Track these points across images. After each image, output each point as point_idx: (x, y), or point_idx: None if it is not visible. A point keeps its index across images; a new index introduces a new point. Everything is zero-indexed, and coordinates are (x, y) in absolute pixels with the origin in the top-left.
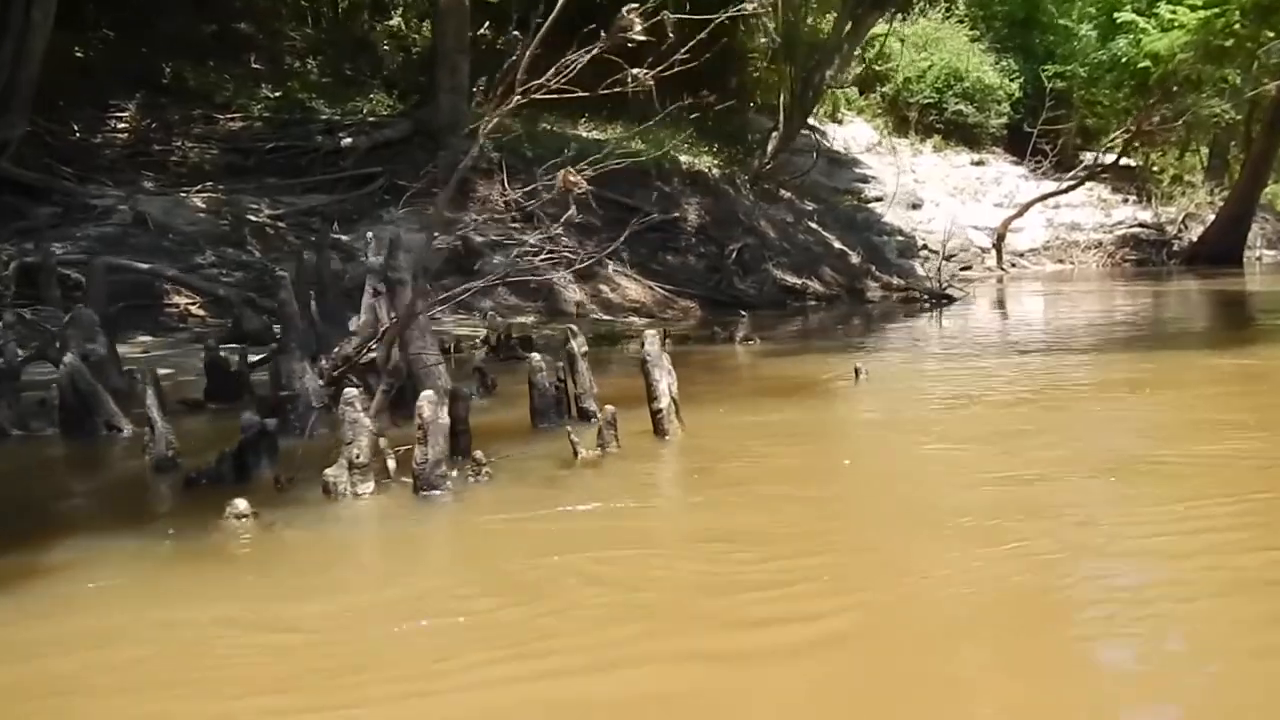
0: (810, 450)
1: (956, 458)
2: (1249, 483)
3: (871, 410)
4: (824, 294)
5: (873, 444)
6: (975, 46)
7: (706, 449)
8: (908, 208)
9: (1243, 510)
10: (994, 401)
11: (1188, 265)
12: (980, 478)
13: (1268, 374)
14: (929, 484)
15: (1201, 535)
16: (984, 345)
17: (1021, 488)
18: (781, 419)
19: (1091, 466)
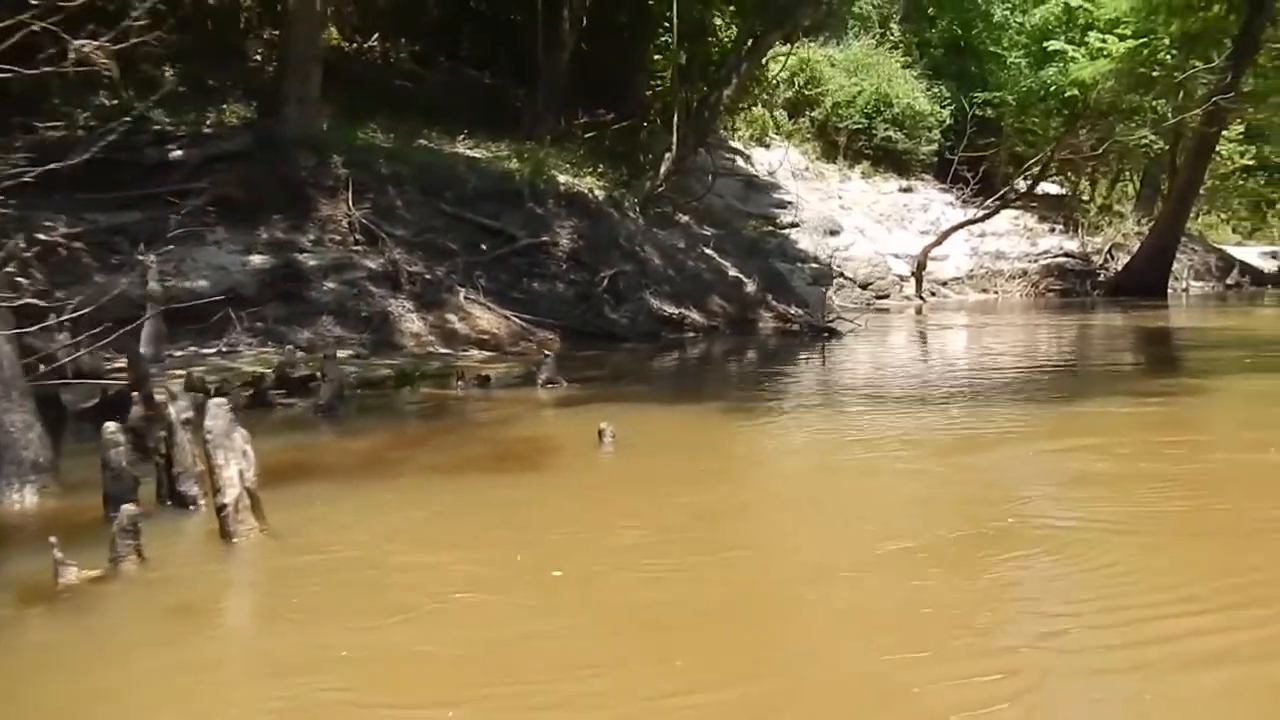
0: (430, 573)
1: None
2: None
3: (577, 498)
4: (703, 325)
5: (545, 558)
6: (907, 73)
7: (273, 565)
8: (825, 234)
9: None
10: (762, 486)
11: (1112, 296)
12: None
13: (1147, 427)
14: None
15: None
16: (832, 391)
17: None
18: (431, 514)
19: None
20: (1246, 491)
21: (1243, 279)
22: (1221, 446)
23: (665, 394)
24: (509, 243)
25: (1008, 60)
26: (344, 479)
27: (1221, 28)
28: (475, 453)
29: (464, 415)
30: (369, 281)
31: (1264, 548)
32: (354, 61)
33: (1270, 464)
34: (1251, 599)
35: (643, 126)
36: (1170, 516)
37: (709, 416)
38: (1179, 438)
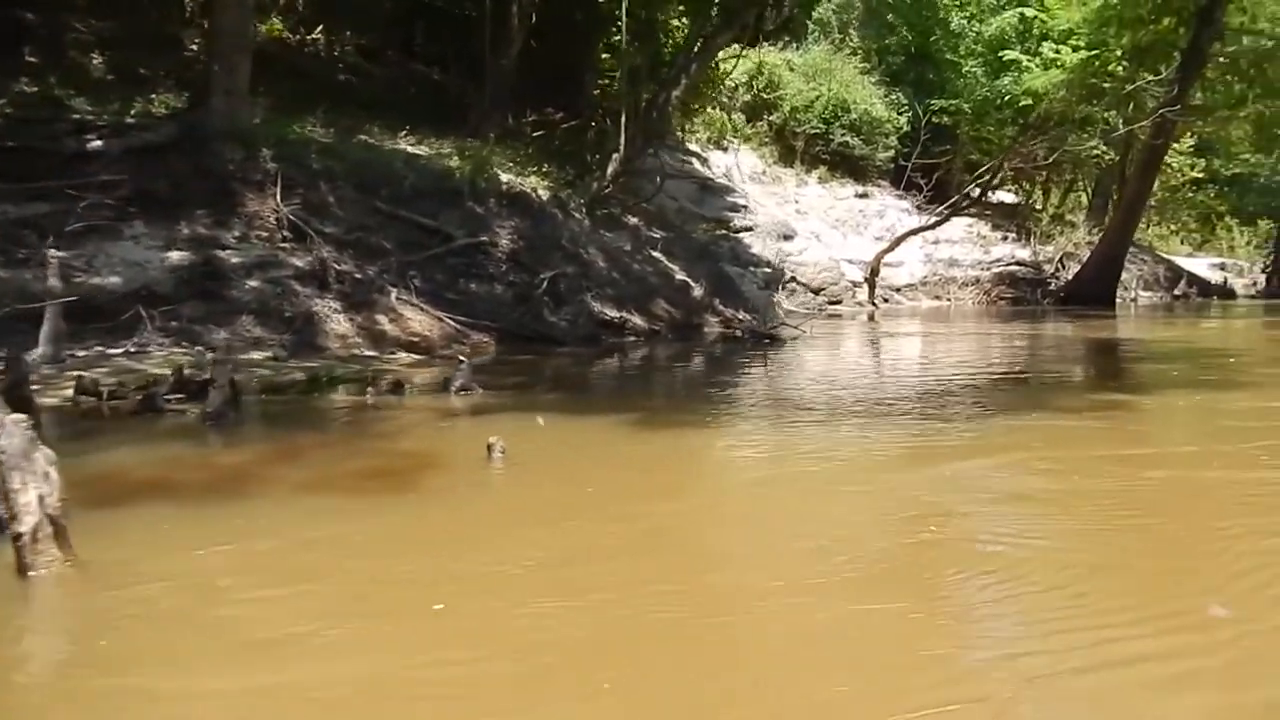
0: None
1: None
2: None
3: (451, 522)
4: (644, 329)
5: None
6: (865, 79)
7: (75, 603)
8: (779, 238)
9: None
10: (675, 506)
11: (1062, 305)
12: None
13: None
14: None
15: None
16: (766, 401)
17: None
18: (280, 541)
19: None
20: (1193, 508)
21: (1190, 290)
22: (1166, 462)
23: (584, 403)
24: (446, 242)
25: (964, 69)
26: (196, 499)
27: (1171, 41)
28: (352, 468)
29: (360, 425)
30: (295, 280)
31: (1213, 568)
32: (296, 54)
33: (1212, 480)
34: (1208, 621)
35: (590, 126)
36: (1118, 534)
37: (622, 428)
38: (1125, 451)
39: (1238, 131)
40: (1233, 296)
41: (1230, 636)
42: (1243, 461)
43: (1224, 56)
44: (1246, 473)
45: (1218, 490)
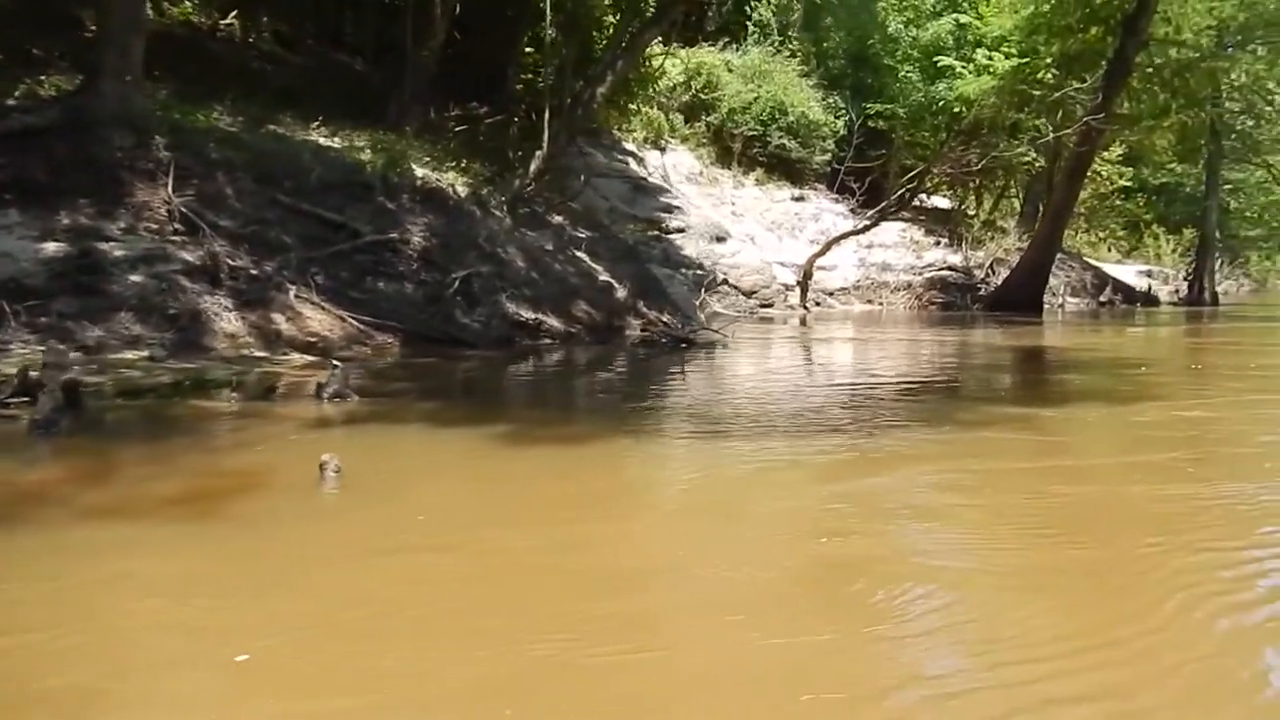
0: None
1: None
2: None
3: (263, 555)
4: (560, 331)
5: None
6: (804, 82)
7: None
8: (712, 240)
9: None
10: (536, 533)
11: (990, 310)
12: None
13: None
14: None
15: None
16: (669, 410)
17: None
18: (33, 582)
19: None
20: (1118, 524)
21: (1115, 297)
22: (1089, 475)
23: (465, 412)
24: (353, 238)
25: (900, 73)
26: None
27: (1098, 50)
28: (165, 490)
29: (202, 436)
30: (183, 276)
31: (1143, 588)
32: (207, 39)
33: (1134, 495)
34: (1146, 649)
35: (513, 122)
36: (1045, 553)
37: (493, 443)
38: (1049, 463)
39: (1161, 141)
40: (1156, 303)
41: (1172, 664)
42: (1163, 473)
43: (1149, 67)
44: (1168, 486)
45: (1141, 505)
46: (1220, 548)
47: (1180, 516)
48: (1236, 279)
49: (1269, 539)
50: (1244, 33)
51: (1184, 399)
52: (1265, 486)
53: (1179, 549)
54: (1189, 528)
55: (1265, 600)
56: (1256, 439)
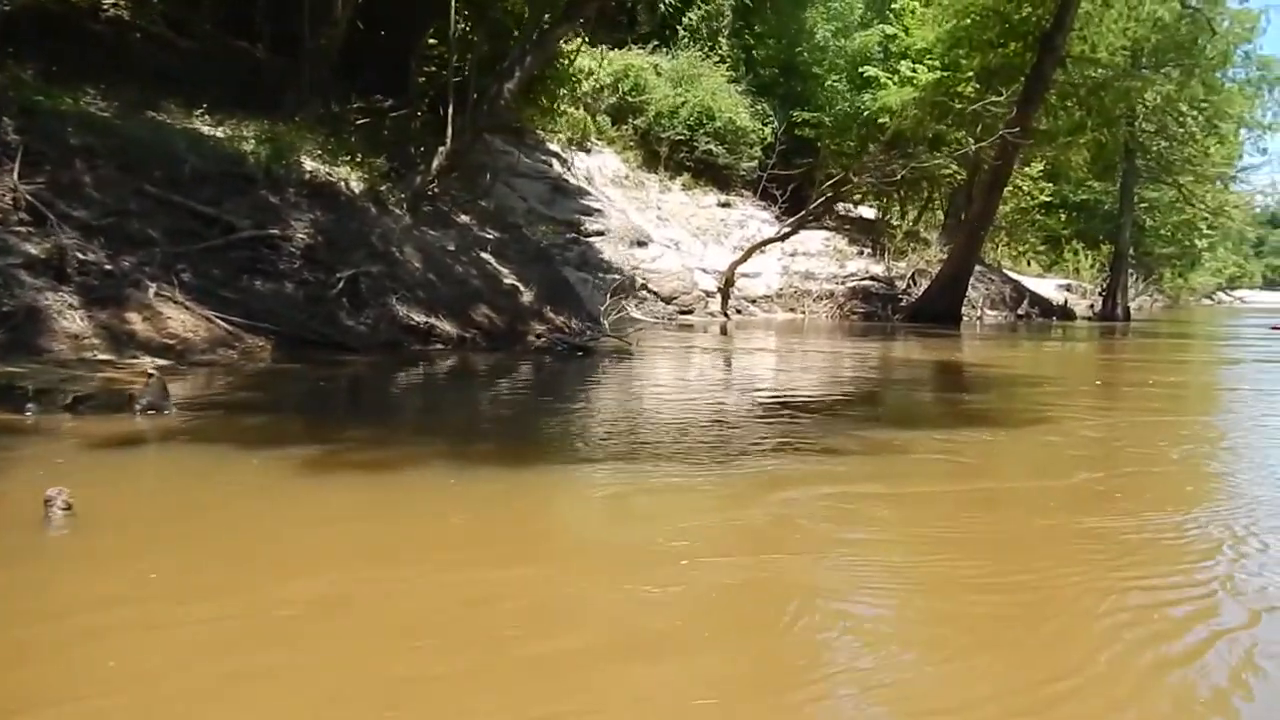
0: None
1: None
2: None
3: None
4: (453, 336)
5: None
6: (732, 88)
7: None
8: (632, 244)
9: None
10: (335, 585)
11: (910, 322)
12: None
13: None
14: None
15: None
16: (544, 426)
17: None
18: None
19: None
20: (1039, 554)
21: (1032, 310)
22: (1004, 501)
23: (293, 428)
24: (227, 233)
25: (826, 82)
26: None
27: (1018, 65)
28: None
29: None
30: (23, 269)
31: (1076, 630)
32: (87, 17)
33: (1053, 524)
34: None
35: (416, 116)
36: (964, 589)
37: (299, 469)
38: (967, 487)
39: (1077, 158)
40: (1072, 317)
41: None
42: (1080, 498)
43: (1067, 83)
44: (1089, 514)
45: (1061, 534)
46: (1153, 585)
47: (1104, 548)
48: (1151, 295)
49: (1200, 574)
50: (1157, 54)
51: (1091, 417)
52: (1188, 515)
53: (1107, 587)
54: (1116, 562)
55: (1205, 645)
56: (1169, 457)
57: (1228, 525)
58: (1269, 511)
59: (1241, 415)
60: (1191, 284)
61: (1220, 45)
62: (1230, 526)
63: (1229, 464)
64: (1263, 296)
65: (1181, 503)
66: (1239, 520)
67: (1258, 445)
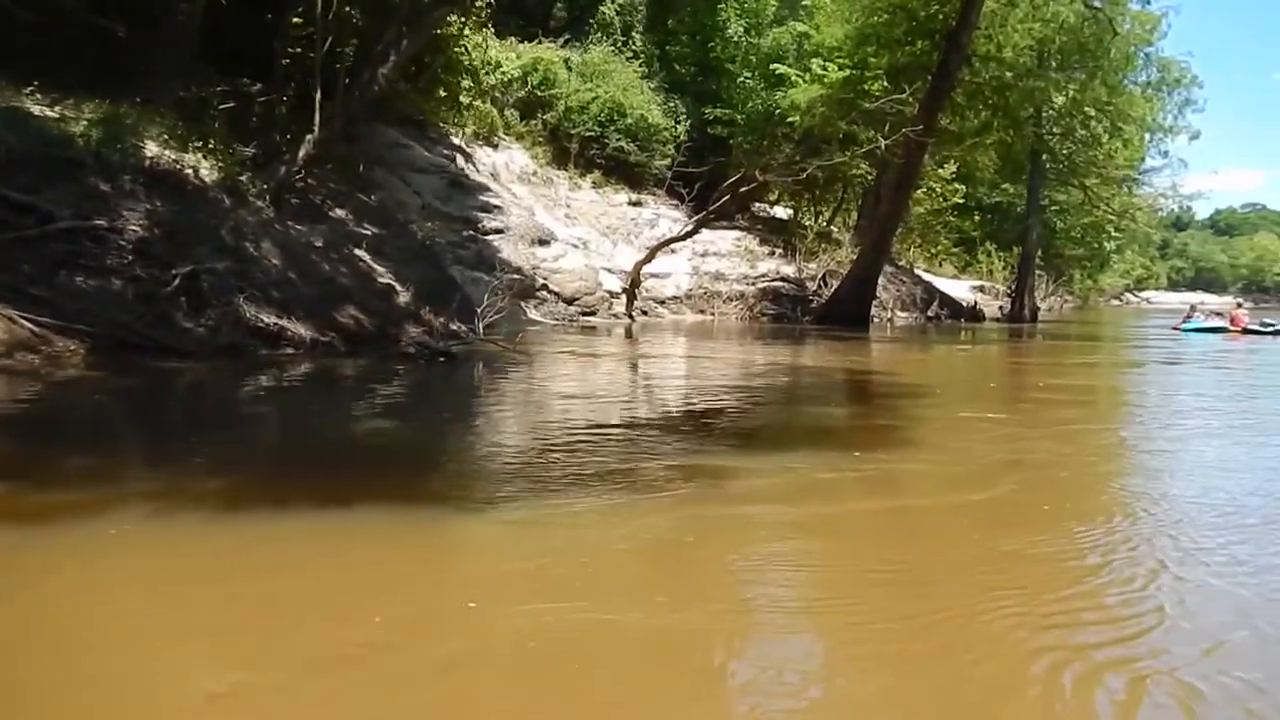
0: None
1: None
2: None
3: None
4: (305, 339)
5: None
6: (645, 84)
7: None
8: (534, 243)
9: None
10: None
11: (819, 324)
12: None
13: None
14: None
15: None
16: (306, 461)
17: None
18: None
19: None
20: (976, 592)
21: (942, 311)
22: (926, 521)
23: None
24: (44, 223)
25: (739, 79)
26: None
27: (925, 64)
28: None
29: None
30: None
31: (1008, 677)
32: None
33: (974, 552)
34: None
35: (282, 101)
36: (886, 633)
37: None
38: (880, 505)
39: (984, 159)
40: (981, 319)
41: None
42: (993, 514)
43: (975, 83)
44: (1006, 539)
45: (981, 562)
46: (1086, 619)
47: (1027, 573)
48: (1061, 296)
49: (1130, 601)
50: (1062, 55)
51: (991, 425)
52: (1110, 529)
53: (1037, 622)
54: (1041, 587)
55: (1139, 682)
56: (1076, 464)
57: (1150, 540)
58: (1186, 523)
59: (1148, 421)
60: (1100, 285)
61: (1122, 47)
62: (1153, 542)
63: (1139, 472)
64: (1168, 297)
65: (1098, 515)
66: (1161, 535)
67: (1168, 450)
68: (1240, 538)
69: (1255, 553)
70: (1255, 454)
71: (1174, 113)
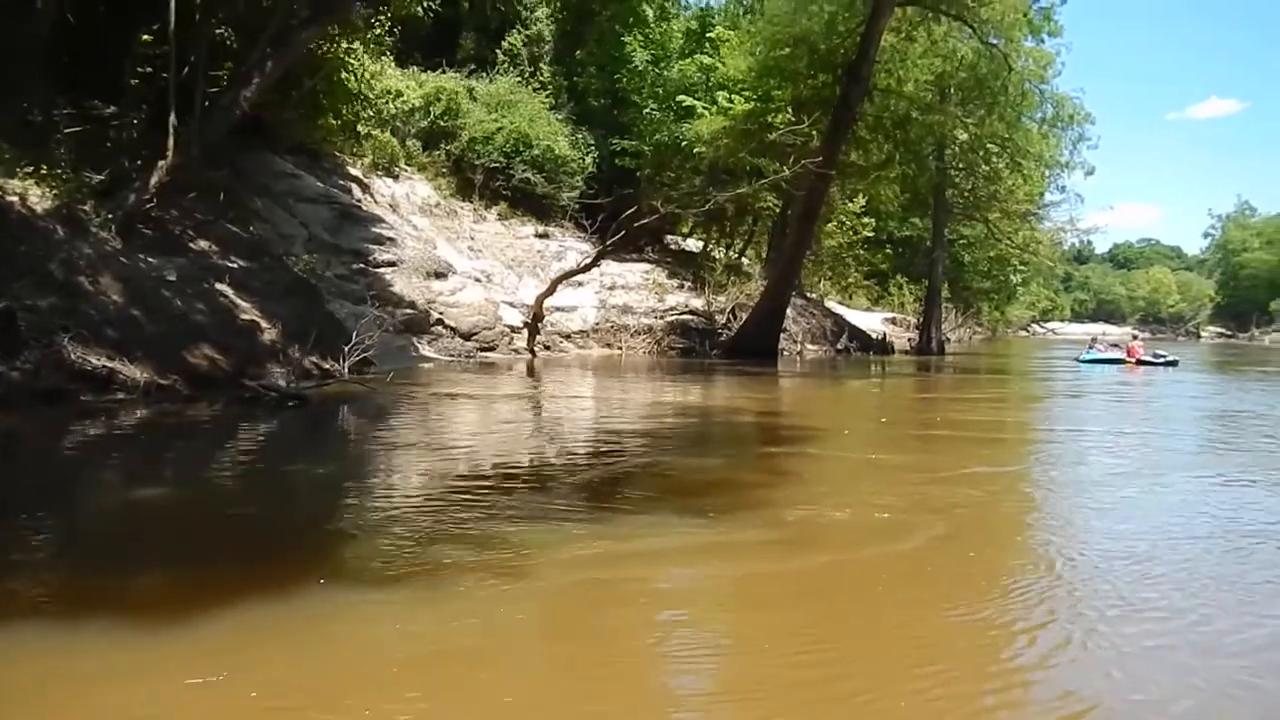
0: None
1: None
2: None
3: None
4: (139, 382)
5: None
6: (551, 115)
7: None
8: (429, 276)
9: None
10: None
11: (727, 357)
12: None
13: None
14: None
15: None
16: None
17: None
18: None
19: None
20: (900, 671)
21: (850, 344)
22: (843, 583)
23: None
24: None
25: (645, 110)
26: None
27: (828, 97)
28: None
29: None
30: None
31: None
32: None
33: (886, 622)
34: None
35: (131, 125)
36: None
37: None
38: (791, 566)
39: (888, 192)
40: (890, 351)
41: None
42: (913, 579)
43: (875, 116)
44: (923, 603)
45: (898, 633)
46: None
47: (950, 646)
48: (970, 328)
49: (1078, 665)
50: (963, 91)
51: (900, 470)
52: (1034, 587)
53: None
54: (969, 663)
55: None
56: (991, 512)
57: (1077, 597)
58: (1111, 575)
59: (1058, 461)
60: (1008, 317)
61: (1018, 83)
62: (1081, 599)
63: (1056, 517)
64: (1072, 328)
65: (1019, 571)
66: (1087, 590)
67: (1082, 494)
68: (1168, 588)
69: (1185, 604)
70: (1161, 494)
71: (1069, 148)
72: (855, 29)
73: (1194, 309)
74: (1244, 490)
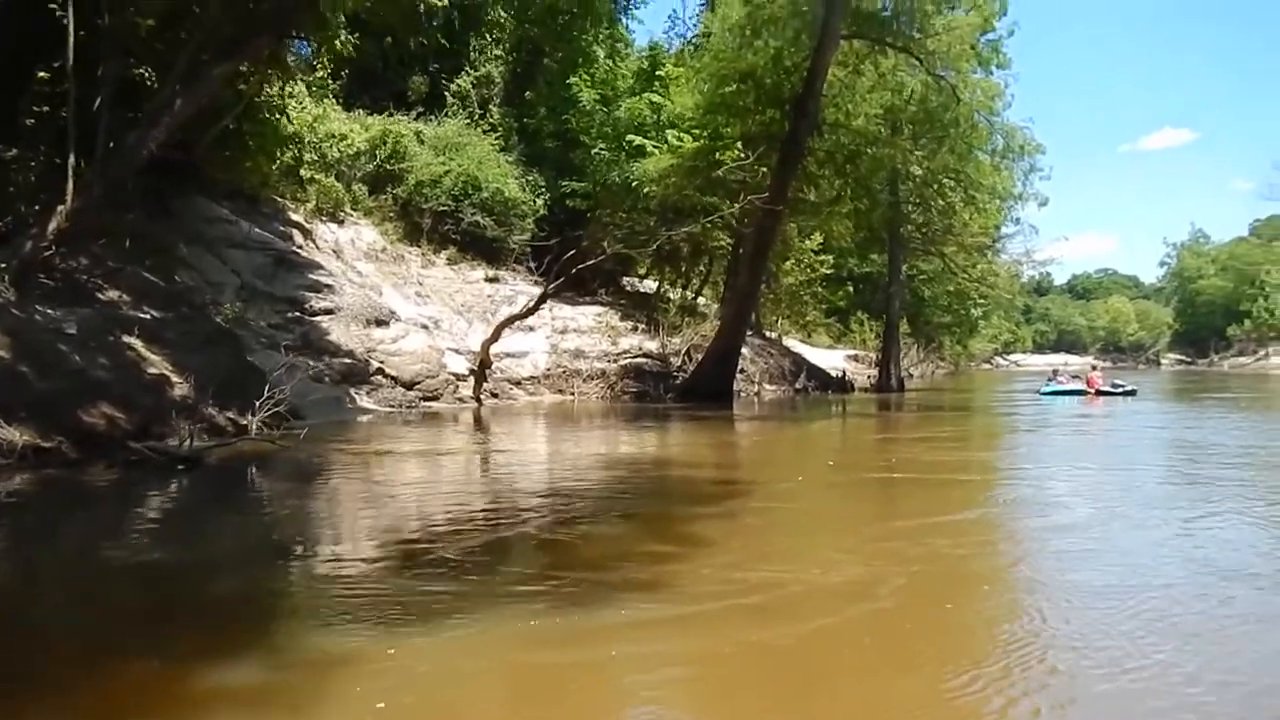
0: None
1: None
2: None
3: None
4: (16, 446)
5: None
6: (501, 157)
7: None
8: (369, 324)
9: None
10: None
11: (682, 401)
12: None
13: None
14: None
15: None
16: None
17: None
18: None
19: None
20: None
21: (809, 383)
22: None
23: None
24: None
25: (593, 151)
26: None
27: (777, 133)
28: None
29: None
30: None
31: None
32: None
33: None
34: None
35: (28, 168)
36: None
37: None
38: (757, 637)
39: (840, 228)
40: (850, 390)
41: None
42: (883, 646)
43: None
44: (896, 676)
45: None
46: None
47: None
48: (933, 362)
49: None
50: (914, 125)
51: (864, 521)
52: (1013, 651)
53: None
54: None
55: None
56: (960, 565)
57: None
58: (1094, 633)
59: (1025, 504)
60: (970, 350)
61: (967, 115)
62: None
63: (1030, 569)
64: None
65: (996, 626)
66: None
67: (1053, 542)
68: (1152, 645)
69: (1174, 661)
70: (1133, 537)
71: (1021, 179)
72: (802, 63)
73: (1153, 337)
74: (1211, 528)
